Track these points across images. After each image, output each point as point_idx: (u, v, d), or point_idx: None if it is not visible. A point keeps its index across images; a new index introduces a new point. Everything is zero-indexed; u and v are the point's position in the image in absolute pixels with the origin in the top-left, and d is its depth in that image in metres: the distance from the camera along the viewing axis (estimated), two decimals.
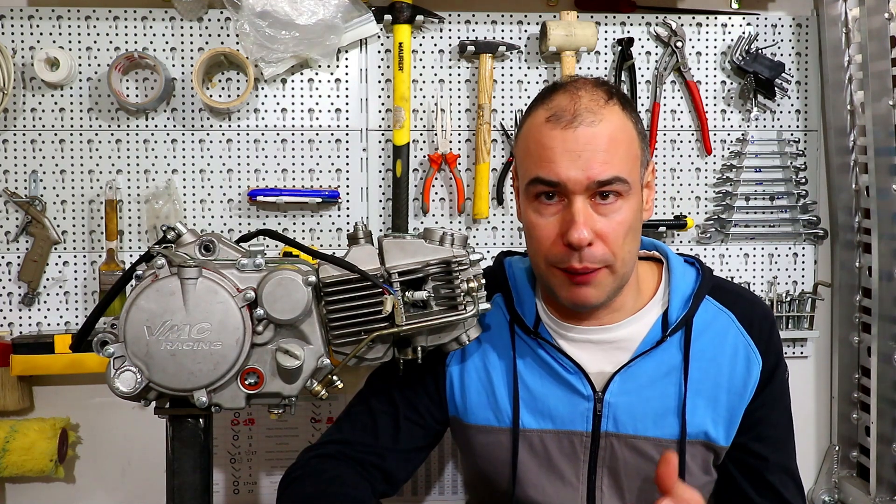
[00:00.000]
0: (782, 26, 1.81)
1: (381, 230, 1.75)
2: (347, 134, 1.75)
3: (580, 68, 1.76)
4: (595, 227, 1.08)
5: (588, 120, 1.08)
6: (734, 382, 1.19)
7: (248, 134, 1.73)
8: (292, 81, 1.73)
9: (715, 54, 1.80)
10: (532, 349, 1.21)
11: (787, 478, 1.23)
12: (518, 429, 1.20)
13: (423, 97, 1.75)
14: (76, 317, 1.70)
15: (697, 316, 1.19)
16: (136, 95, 1.70)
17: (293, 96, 1.73)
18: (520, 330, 1.22)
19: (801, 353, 1.87)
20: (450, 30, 1.75)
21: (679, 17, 1.78)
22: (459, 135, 1.76)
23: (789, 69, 1.80)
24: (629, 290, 1.18)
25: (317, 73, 1.73)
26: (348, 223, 1.75)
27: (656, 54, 1.79)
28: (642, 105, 1.79)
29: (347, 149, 1.75)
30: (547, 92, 1.16)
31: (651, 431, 1.17)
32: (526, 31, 1.76)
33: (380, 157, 1.75)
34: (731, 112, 1.82)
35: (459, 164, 1.76)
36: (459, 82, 1.76)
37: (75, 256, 1.70)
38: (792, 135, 1.83)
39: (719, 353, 1.19)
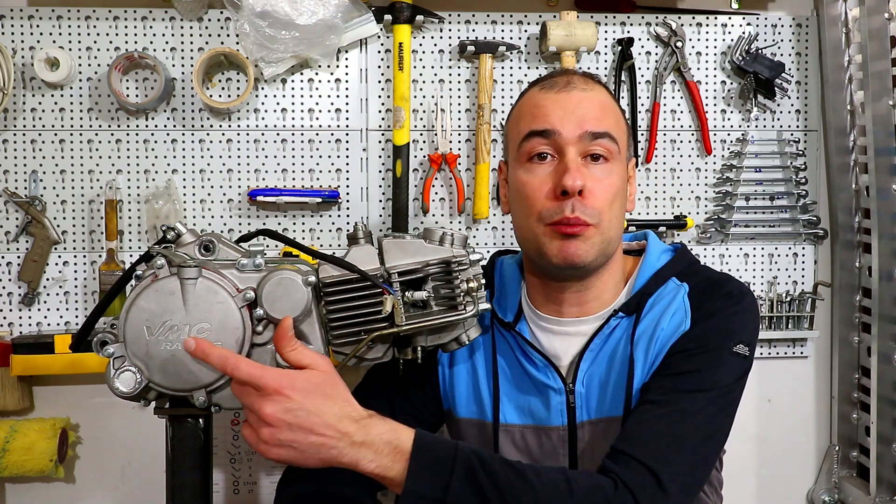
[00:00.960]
0: (782, 26, 1.81)
1: (381, 230, 1.75)
2: (347, 134, 1.75)
3: (580, 68, 1.76)
4: (587, 182, 1.11)
5: (581, 87, 1.16)
6: (664, 349, 1.13)
7: (248, 134, 1.73)
8: (292, 81, 1.73)
9: (715, 54, 1.80)
10: (510, 346, 1.23)
11: (635, 462, 1.00)
12: (498, 423, 1.21)
13: (423, 97, 1.75)
14: (76, 317, 1.70)
15: (656, 295, 1.17)
16: (136, 95, 1.70)
17: (293, 96, 1.73)
18: (499, 325, 1.24)
19: (801, 353, 1.87)
20: (450, 30, 1.75)
21: (679, 17, 1.78)
22: (459, 135, 1.76)
23: (789, 69, 1.80)
24: (611, 278, 1.19)
25: (317, 73, 1.73)
26: (348, 223, 1.75)
27: (656, 54, 1.79)
28: (642, 105, 1.79)
29: (347, 149, 1.75)
30: (540, 77, 1.24)
31: (615, 411, 1.15)
32: (526, 31, 1.76)
33: (380, 157, 1.75)
34: (731, 112, 1.82)
35: (459, 164, 1.76)
36: (459, 82, 1.76)
37: (75, 256, 1.70)
38: (792, 135, 1.83)
39: (663, 321, 1.15)
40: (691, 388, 1.07)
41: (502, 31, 1.76)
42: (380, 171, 1.75)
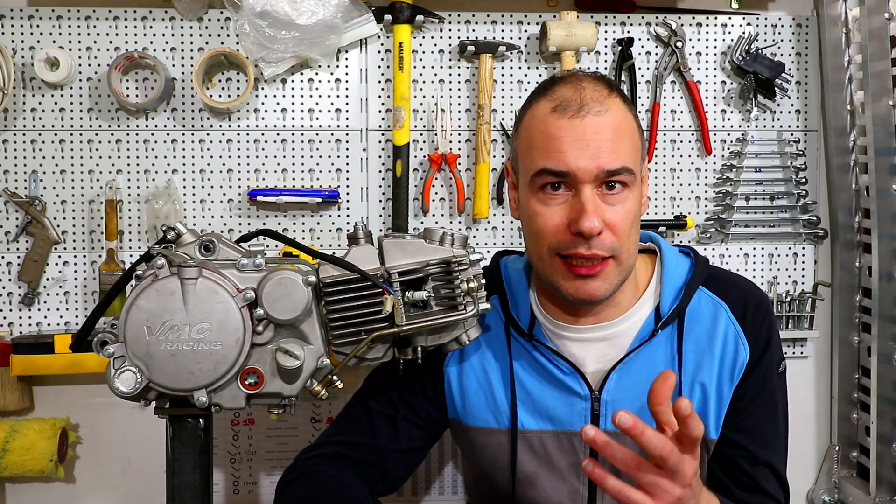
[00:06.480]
0: (782, 26, 1.81)
1: (381, 230, 1.75)
2: (347, 134, 1.75)
3: (580, 69, 1.76)
4: (604, 217, 1.08)
5: (595, 109, 1.09)
6: (723, 373, 1.18)
7: (248, 134, 1.73)
8: (292, 81, 1.73)
9: (715, 54, 1.80)
10: (528, 351, 1.21)
11: (769, 472, 1.20)
12: (516, 430, 1.20)
13: (423, 97, 1.75)
14: (76, 317, 1.70)
15: (690, 307, 1.19)
16: (136, 95, 1.70)
17: (293, 96, 1.73)
18: (515, 332, 1.22)
19: (801, 353, 1.87)
20: (450, 30, 1.75)
21: (679, 17, 1.78)
22: (459, 135, 1.76)
23: (789, 69, 1.80)
24: (628, 285, 1.18)
25: (317, 73, 1.73)
26: (348, 223, 1.75)
27: (656, 54, 1.79)
28: (642, 105, 1.79)
29: (347, 149, 1.75)
30: (548, 84, 1.16)
31: (651, 425, 1.16)
32: (526, 31, 1.76)
33: (380, 157, 1.75)
34: (731, 112, 1.82)
35: (459, 164, 1.76)
36: (459, 82, 1.76)
37: (75, 256, 1.70)
38: (792, 135, 1.83)
39: (712, 343, 1.18)
40: (771, 425, 1.24)
41: (502, 31, 1.76)
42: (380, 171, 1.75)
